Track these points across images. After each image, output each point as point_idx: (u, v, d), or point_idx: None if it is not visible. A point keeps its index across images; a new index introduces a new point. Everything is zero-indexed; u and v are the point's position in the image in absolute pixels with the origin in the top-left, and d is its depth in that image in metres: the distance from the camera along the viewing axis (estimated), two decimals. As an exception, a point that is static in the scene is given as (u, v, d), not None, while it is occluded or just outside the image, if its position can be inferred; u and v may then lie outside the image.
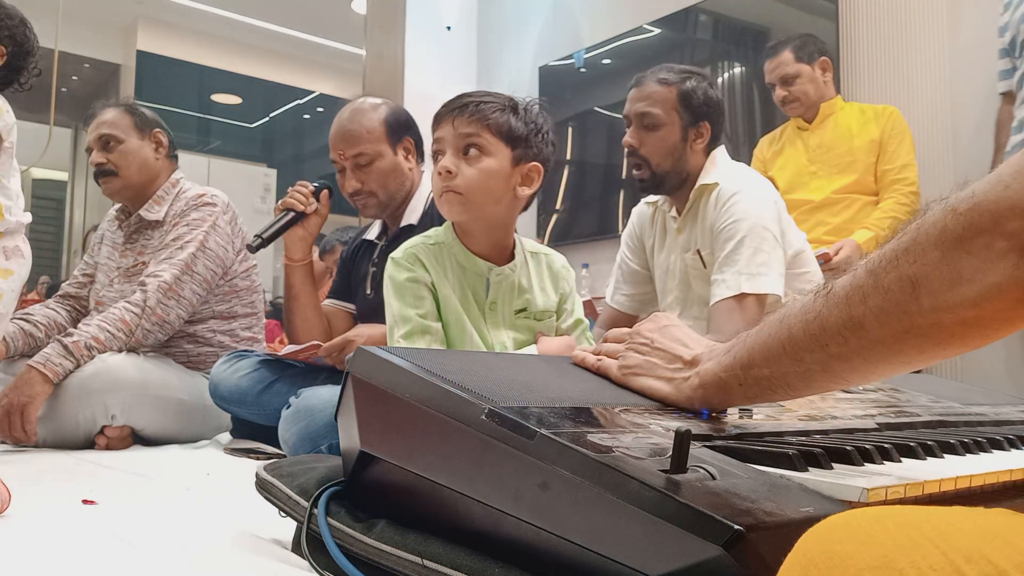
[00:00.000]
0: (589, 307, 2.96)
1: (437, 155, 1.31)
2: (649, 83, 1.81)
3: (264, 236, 1.88)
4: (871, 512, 0.39)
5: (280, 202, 1.95)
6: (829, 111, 2.63)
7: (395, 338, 1.28)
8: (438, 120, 1.30)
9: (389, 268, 1.34)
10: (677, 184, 1.82)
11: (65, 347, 1.90)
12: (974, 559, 0.33)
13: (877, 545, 0.35)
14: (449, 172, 1.26)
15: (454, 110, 1.29)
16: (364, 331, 1.76)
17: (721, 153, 1.83)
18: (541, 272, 1.39)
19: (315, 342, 1.75)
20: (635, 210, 2.05)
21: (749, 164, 2.12)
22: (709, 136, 1.81)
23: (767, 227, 1.69)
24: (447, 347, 1.30)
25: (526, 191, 1.32)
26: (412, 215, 1.92)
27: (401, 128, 1.94)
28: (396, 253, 1.35)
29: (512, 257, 1.37)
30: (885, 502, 0.55)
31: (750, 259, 1.65)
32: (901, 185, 2.48)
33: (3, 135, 1.68)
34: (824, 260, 2.34)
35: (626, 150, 1.83)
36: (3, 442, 1.93)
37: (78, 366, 1.91)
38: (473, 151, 1.27)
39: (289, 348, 1.82)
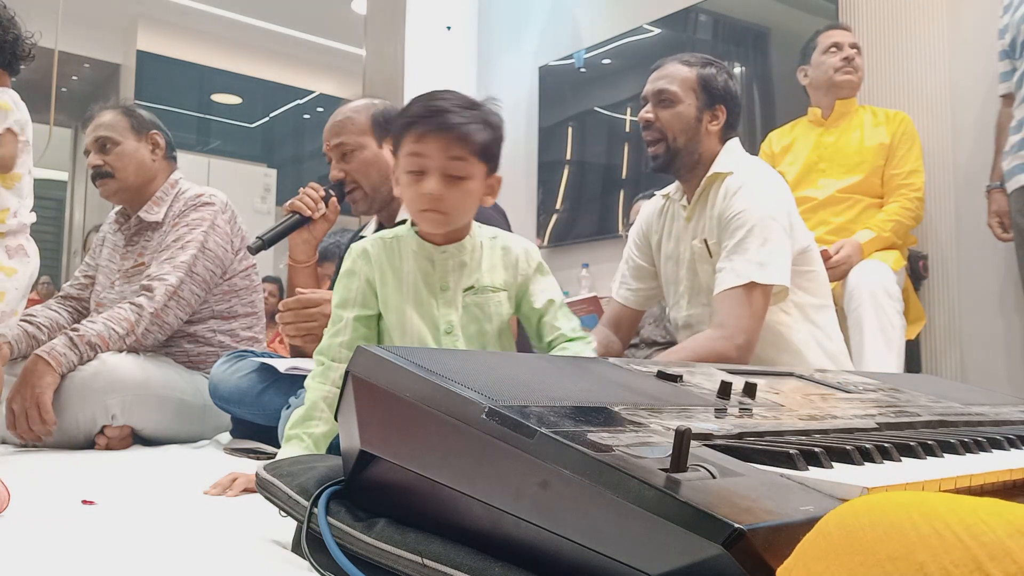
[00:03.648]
0: (594, 303, 2.97)
1: (417, 172, 1.28)
2: (671, 64, 1.84)
3: (265, 238, 1.89)
4: (897, 498, 0.38)
5: (288, 203, 1.95)
6: (845, 110, 2.63)
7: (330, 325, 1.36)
8: (421, 136, 1.27)
9: (345, 256, 1.39)
10: (690, 164, 1.81)
11: (71, 339, 1.90)
12: (998, 556, 0.32)
13: (900, 535, 0.35)
14: (438, 198, 1.27)
15: (441, 128, 1.27)
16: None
17: (736, 143, 1.84)
18: (494, 254, 1.40)
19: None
20: (645, 204, 2.05)
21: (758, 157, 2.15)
22: (724, 121, 1.81)
23: (776, 218, 1.68)
24: (379, 334, 1.37)
25: (489, 201, 1.36)
26: (406, 211, 1.93)
27: (390, 124, 1.96)
28: (355, 244, 1.39)
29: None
30: (896, 491, 0.55)
31: (759, 248, 1.64)
32: (907, 190, 2.48)
33: (16, 131, 1.68)
34: (824, 258, 2.34)
35: (642, 126, 1.84)
36: (4, 442, 1.93)
37: (81, 360, 1.91)
38: (458, 174, 1.29)
39: (287, 365, 1.80)
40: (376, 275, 1.34)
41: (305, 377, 1.74)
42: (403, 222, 1.90)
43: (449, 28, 4.62)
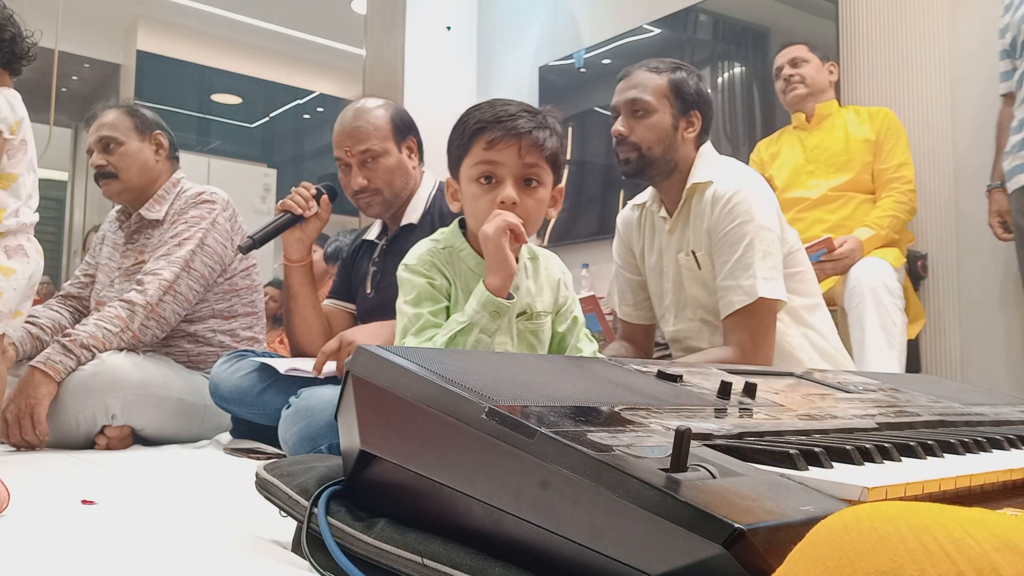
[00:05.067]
0: (593, 303, 2.97)
1: (489, 177, 1.25)
2: (639, 72, 1.76)
3: (256, 237, 1.88)
4: (886, 510, 0.38)
5: (280, 203, 1.95)
6: (826, 112, 2.67)
7: (406, 338, 1.26)
8: (492, 141, 1.23)
9: (404, 275, 1.31)
10: (664, 173, 1.76)
11: (64, 346, 1.90)
12: (984, 570, 0.32)
13: (888, 548, 0.35)
14: (514, 204, 1.24)
15: (515, 134, 1.23)
16: (358, 334, 1.72)
17: (709, 148, 1.79)
18: (539, 276, 1.37)
19: (310, 373, 1.72)
20: (620, 217, 1.99)
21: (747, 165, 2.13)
22: (700, 127, 1.76)
23: (771, 228, 1.66)
24: None
25: (552, 213, 1.32)
26: (413, 214, 1.92)
27: (406, 128, 1.95)
28: (409, 259, 1.32)
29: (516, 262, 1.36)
30: (886, 501, 0.55)
31: (762, 262, 1.62)
32: (899, 184, 2.50)
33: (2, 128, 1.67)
34: (828, 249, 2.35)
35: (615, 140, 1.78)
36: (2, 442, 1.93)
37: (79, 363, 1.91)
38: (533, 182, 1.25)
39: (286, 367, 1.78)
40: (451, 283, 1.29)
41: (305, 378, 1.75)
42: (408, 226, 1.91)
43: (449, 28, 4.62)
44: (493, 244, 1.21)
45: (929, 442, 0.73)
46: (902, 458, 0.69)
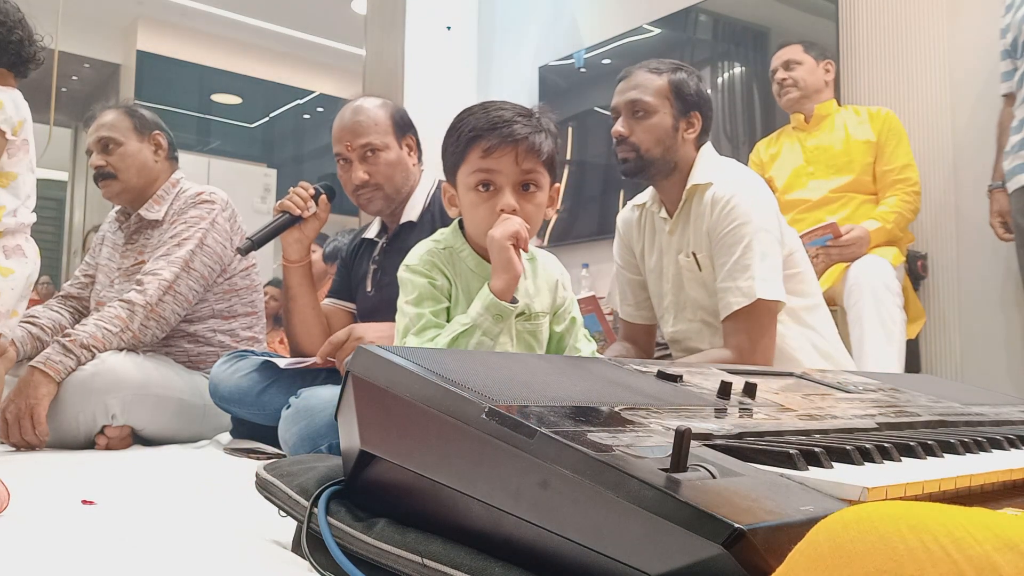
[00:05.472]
0: (593, 303, 2.97)
1: (487, 185, 1.24)
2: (639, 73, 1.77)
3: (255, 239, 1.88)
4: (886, 510, 0.38)
5: (278, 203, 1.95)
6: (825, 112, 2.66)
7: (407, 338, 1.27)
8: (489, 149, 1.22)
9: (405, 275, 1.31)
10: (664, 173, 1.77)
11: (64, 346, 1.90)
12: (984, 570, 0.32)
13: (888, 548, 0.35)
14: (514, 211, 1.23)
15: (512, 141, 1.22)
16: (369, 330, 1.73)
17: (709, 149, 1.79)
18: (537, 276, 1.37)
19: (314, 360, 1.73)
20: (620, 217, 1.99)
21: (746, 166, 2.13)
22: (700, 128, 1.76)
23: (769, 229, 1.66)
24: None
25: (550, 212, 1.33)
26: (412, 212, 1.92)
27: (405, 125, 1.95)
28: (411, 259, 1.33)
29: None
30: (886, 501, 0.55)
31: (761, 263, 1.62)
32: (904, 185, 2.50)
33: (4, 130, 1.67)
34: (833, 234, 2.35)
35: (615, 141, 1.78)
36: (1, 443, 1.93)
37: (79, 363, 1.91)
38: (531, 187, 1.25)
39: (287, 362, 1.80)
40: (452, 283, 1.29)
41: (305, 377, 1.75)
42: (408, 224, 1.91)
43: (449, 28, 4.62)
44: (499, 247, 1.21)
45: (929, 442, 0.73)
46: (902, 458, 0.69)
